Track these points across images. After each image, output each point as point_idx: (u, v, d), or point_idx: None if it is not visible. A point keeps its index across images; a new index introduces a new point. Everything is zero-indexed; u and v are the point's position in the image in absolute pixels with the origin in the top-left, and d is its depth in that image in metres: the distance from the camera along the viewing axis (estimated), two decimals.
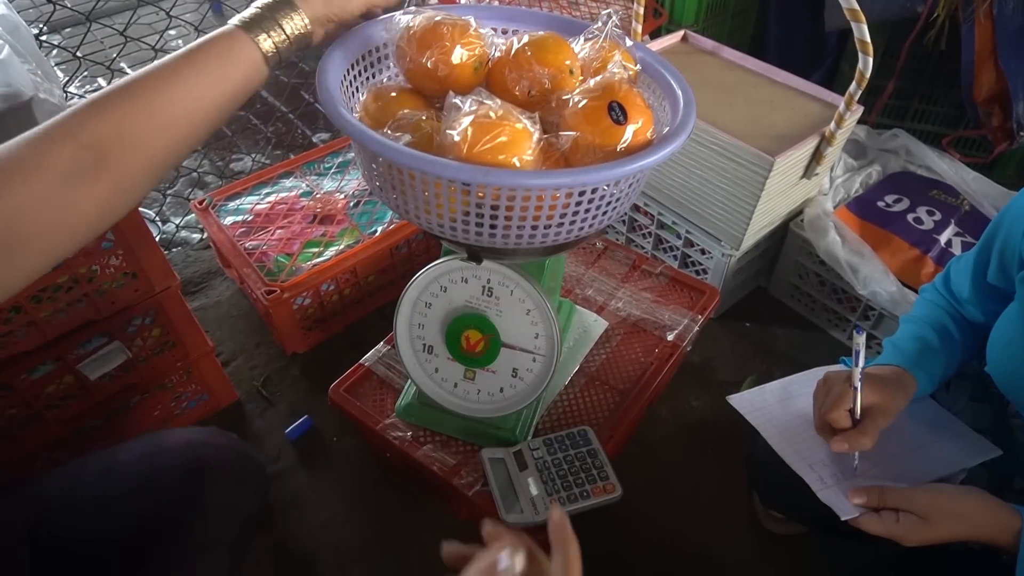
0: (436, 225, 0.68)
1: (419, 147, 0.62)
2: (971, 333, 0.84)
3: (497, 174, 0.58)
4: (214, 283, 1.60)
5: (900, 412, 0.80)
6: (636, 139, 0.66)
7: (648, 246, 1.51)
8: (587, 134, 0.65)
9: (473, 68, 0.71)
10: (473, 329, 0.87)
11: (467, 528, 1.09)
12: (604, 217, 0.69)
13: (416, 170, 0.61)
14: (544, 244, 0.69)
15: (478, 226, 0.66)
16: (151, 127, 0.55)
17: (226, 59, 0.60)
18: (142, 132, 0.55)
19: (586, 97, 0.66)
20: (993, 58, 1.41)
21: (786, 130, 1.24)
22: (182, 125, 0.58)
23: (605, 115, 0.65)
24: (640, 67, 0.79)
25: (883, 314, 1.28)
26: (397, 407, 1.01)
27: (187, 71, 0.58)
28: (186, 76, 0.58)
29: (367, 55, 0.77)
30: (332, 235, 1.40)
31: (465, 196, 0.63)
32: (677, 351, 1.11)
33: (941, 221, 1.33)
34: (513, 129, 0.61)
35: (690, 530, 1.13)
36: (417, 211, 0.67)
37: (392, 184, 0.66)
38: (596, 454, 0.92)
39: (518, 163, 0.61)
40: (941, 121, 1.71)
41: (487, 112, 0.61)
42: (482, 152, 0.60)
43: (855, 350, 0.74)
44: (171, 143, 0.57)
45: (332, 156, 1.62)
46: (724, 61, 1.46)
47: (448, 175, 0.59)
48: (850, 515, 0.72)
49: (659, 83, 0.77)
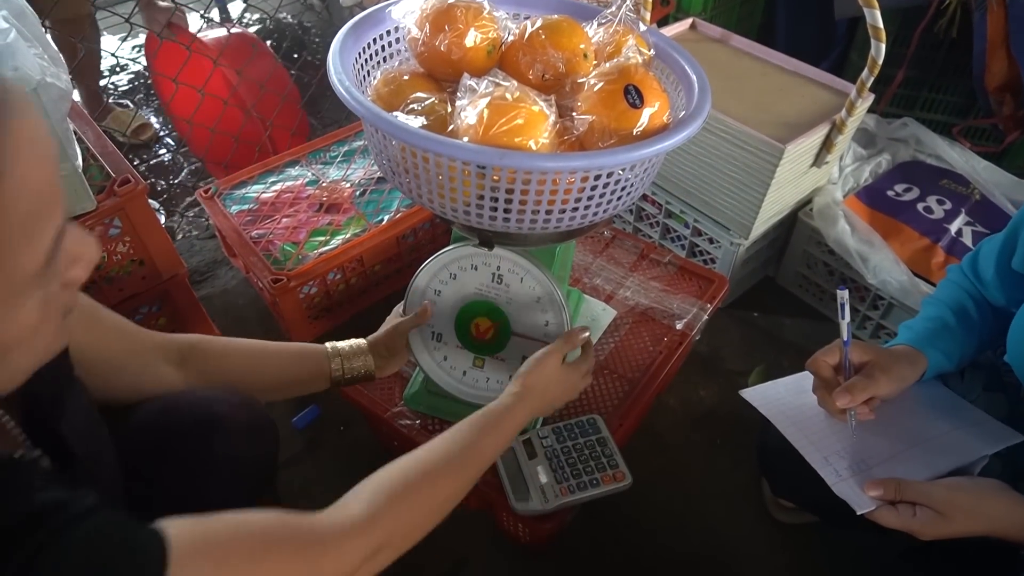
0: (450, 209, 0.67)
1: (433, 130, 0.62)
2: (992, 316, 0.83)
3: (513, 156, 0.58)
4: (220, 272, 1.60)
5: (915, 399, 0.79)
6: (652, 123, 0.65)
7: (656, 235, 1.51)
8: (603, 118, 0.64)
9: (487, 51, 0.70)
10: (483, 316, 0.86)
11: (476, 516, 1.10)
12: (618, 202, 0.69)
13: (431, 152, 0.60)
14: (558, 230, 0.68)
15: (492, 210, 0.65)
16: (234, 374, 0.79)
17: (308, 359, 0.85)
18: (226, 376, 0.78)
19: (602, 80, 0.66)
20: (1005, 46, 1.39)
21: (796, 118, 1.23)
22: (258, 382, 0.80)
23: (621, 98, 0.64)
24: (653, 52, 0.78)
25: (893, 303, 1.27)
26: (405, 395, 1.01)
27: (268, 356, 0.83)
28: (272, 352, 0.83)
29: (379, 39, 0.77)
30: (338, 224, 1.39)
31: (480, 179, 0.62)
32: (686, 340, 1.10)
33: (951, 210, 1.32)
34: (530, 111, 0.60)
35: (699, 519, 1.12)
36: (431, 195, 0.67)
37: (405, 168, 0.66)
38: (605, 442, 0.92)
39: (534, 146, 0.60)
40: (951, 110, 1.69)
41: (503, 94, 0.61)
42: (498, 134, 0.59)
43: (840, 303, 0.75)
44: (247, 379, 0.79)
45: (338, 145, 1.62)
46: (733, 49, 1.45)
47: (463, 157, 0.59)
48: (866, 508, 0.71)
49: (673, 68, 0.77)
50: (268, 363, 0.83)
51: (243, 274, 1.55)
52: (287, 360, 0.84)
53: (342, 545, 0.56)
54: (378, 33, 0.76)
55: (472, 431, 0.70)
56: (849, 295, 0.76)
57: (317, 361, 0.85)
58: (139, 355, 0.72)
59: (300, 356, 0.85)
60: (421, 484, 0.63)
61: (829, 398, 0.77)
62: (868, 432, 0.78)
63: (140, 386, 0.72)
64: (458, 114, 0.62)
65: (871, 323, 1.34)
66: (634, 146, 0.61)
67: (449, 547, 1.08)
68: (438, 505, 0.66)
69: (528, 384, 0.78)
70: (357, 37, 0.74)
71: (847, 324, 0.76)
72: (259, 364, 0.82)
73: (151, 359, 0.73)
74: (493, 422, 0.73)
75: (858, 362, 0.78)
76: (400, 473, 0.64)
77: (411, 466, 0.65)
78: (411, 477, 0.63)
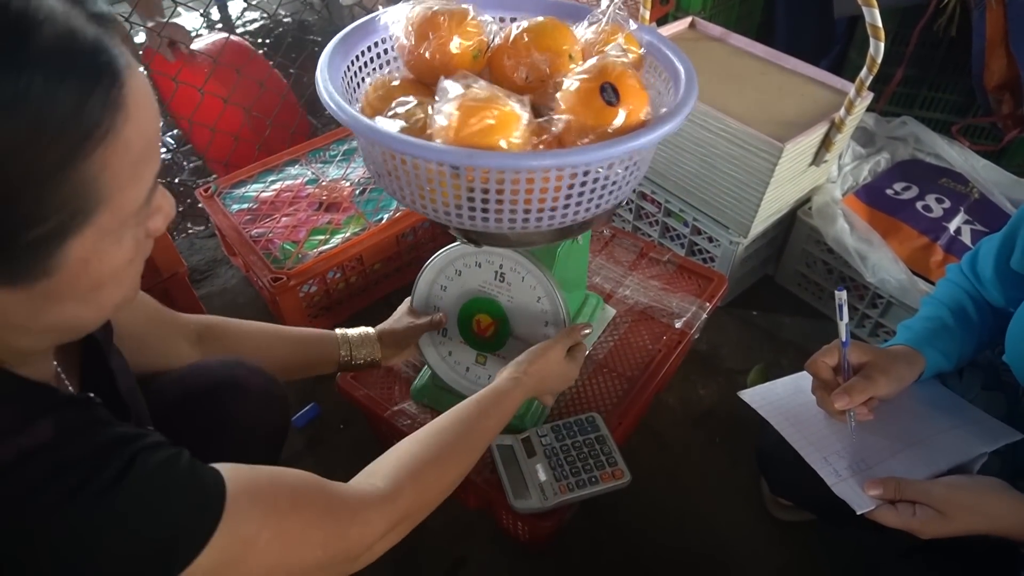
0: (431, 210, 0.68)
1: (413, 133, 0.62)
2: (991, 315, 0.84)
3: (482, 156, 0.58)
4: (219, 271, 1.60)
5: (914, 398, 0.79)
6: (629, 120, 0.65)
7: (655, 234, 1.51)
8: (580, 116, 0.64)
9: (472, 56, 0.70)
10: (484, 313, 0.87)
11: (475, 516, 1.10)
12: (601, 202, 0.68)
13: (402, 153, 0.61)
14: (539, 229, 0.68)
15: (471, 211, 0.65)
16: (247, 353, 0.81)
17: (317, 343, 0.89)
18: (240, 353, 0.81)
19: (578, 79, 0.65)
20: (1004, 44, 1.39)
21: (795, 117, 1.23)
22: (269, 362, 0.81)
23: (598, 96, 0.64)
24: (645, 51, 0.78)
25: (891, 302, 1.27)
26: (412, 388, 1.01)
27: (281, 339, 0.87)
28: (285, 335, 0.88)
29: (373, 47, 0.77)
30: (338, 223, 1.40)
31: (455, 180, 0.63)
32: (685, 339, 1.10)
33: (950, 209, 1.32)
34: (501, 112, 0.61)
35: (698, 517, 1.12)
36: (413, 197, 0.67)
37: (388, 170, 0.66)
38: (604, 440, 0.92)
39: (505, 145, 0.60)
40: (950, 109, 1.69)
41: (474, 95, 0.61)
42: (470, 135, 0.59)
43: (838, 304, 0.75)
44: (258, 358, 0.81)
45: (337, 144, 1.62)
46: (732, 48, 1.45)
47: (433, 157, 0.59)
48: (866, 508, 0.71)
49: (664, 65, 0.77)
50: (280, 345, 0.87)
51: (243, 273, 1.55)
52: (298, 344, 0.88)
53: (369, 514, 0.60)
54: (372, 42, 0.77)
55: (477, 413, 0.75)
56: (848, 295, 0.76)
57: (327, 346, 0.89)
58: (162, 331, 0.76)
59: (311, 341, 0.89)
60: (436, 462, 0.68)
61: (828, 399, 0.77)
62: (867, 432, 0.78)
63: (161, 361, 0.76)
64: (432, 116, 0.62)
65: (870, 321, 1.34)
66: (605, 144, 0.61)
67: (448, 546, 1.08)
68: (450, 482, 0.70)
69: (530, 372, 0.81)
70: (348, 44, 0.74)
71: (846, 325, 0.76)
72: (271, 346, 0.86)
73: (172, 335, 0.78)
74: (495, 403, 0.77)
75: (856, 363, 0.78)
76: (420, 450, 0.68)
77: (427, 445, 0.69)
78: (428, 455, 0.68)
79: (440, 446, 0.69)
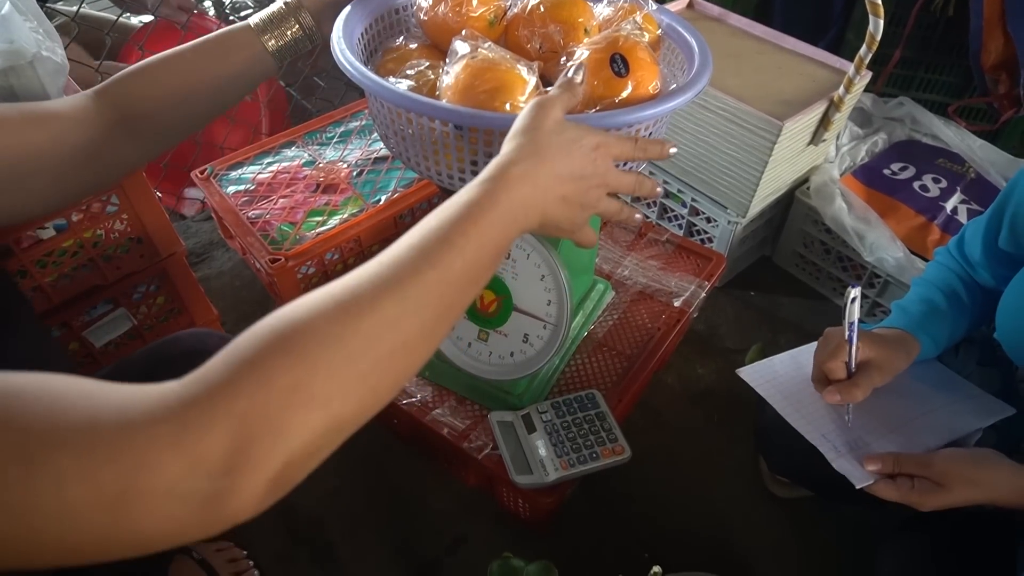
0: (435, 173, 0.68)
1: (423, 93, 0.63)
2: (981, 297, 0.84)
3: (484, 117, 0.58)
4: (216, 254, 1.60)
5: (909, 375, 0.80)
6: (637, 92, 0.65)
7: (653, 215, 1.51)
8: (588, 85, 0.64)
9: (488, 22, 0.70)
10: (487, 289, 0.87)
11: (475, 494, 1.11)
12: None
13: (403, 108, 0.61)
14: None
15: (473, 175, 0.66)
16: (161, 95, 0.70)
17: (229, 39, 0.74)
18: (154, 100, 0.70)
19: (589, 49, 0.66)
20: (1002, 24, 1.39)
21: (793, 96, 1.23)
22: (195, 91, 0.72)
23: (607, 66, 0.64)
24: (662, 32, 0.78)
25: (888, 281, 1.28)
26: None
27: (190, 55, 0.72)
28: (189, 59, 0.72)
29: (394, 12, 0.78)
30: (336, 204, 1.39)
31: (459, 142, 0.63)
32: (684, 317, 1.11)
33: (947, 189, 1.32)
34: (507, 74, 0.61)
35: (696, 493, 1.13)
36: (417, 158, 0.68)
37: (394, 130, 0.66)
38: (604, 417, 0.93)
39: (510, 108, 0.61)
40: (947, 91, 1.69)
41: (483, 56, 0.61)
42: (475, 95, 0.60)
43: (849, 301, 0.74)
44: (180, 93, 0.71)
45: (334, 126, 1.61)
46: (731, 27, 1.44)
47: (436, 115, 0.60)
48: (865, 483, 0.72)
49: (680, 46, 0.77)
50: (194, 58, 0.72)
51: (240, 255, 1.55)
52: (213, 54, 0.73)
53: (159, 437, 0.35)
54: (388, 8, 0.77)
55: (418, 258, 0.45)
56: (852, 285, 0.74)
57: (246, 42, 0.74)
58: None
59: (221, 39, 0.74)
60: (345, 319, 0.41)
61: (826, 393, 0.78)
62: (864, 410, 0.79)
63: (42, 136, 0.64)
64: (440, 77, 0.63)
65: (867, 301, 1.35)
66: (610, 114, 0.61)
67: (449, 525, 1.09)
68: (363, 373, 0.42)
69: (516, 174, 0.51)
70: (365, 7, 0.74)
71: (855, 324, 0.74)
72: (186, 66, 0.72)
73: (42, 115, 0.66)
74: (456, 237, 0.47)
75: (862, 359, 0.77)
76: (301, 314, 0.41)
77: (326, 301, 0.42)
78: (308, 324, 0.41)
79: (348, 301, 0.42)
